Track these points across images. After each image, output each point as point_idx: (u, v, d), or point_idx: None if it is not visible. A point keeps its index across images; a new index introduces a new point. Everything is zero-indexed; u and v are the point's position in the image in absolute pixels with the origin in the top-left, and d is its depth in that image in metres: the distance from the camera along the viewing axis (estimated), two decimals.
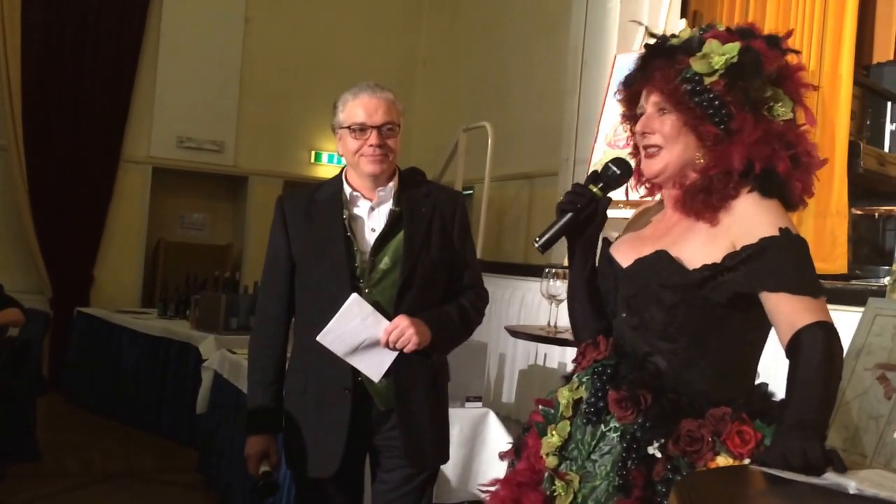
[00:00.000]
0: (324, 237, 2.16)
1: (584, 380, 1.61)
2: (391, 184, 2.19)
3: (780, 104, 1.54)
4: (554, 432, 1.60)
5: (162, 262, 7.55)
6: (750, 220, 1.50)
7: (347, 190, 2.19)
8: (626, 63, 4.54)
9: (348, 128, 2.13)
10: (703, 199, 1.53)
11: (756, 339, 1.57)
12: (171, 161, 7.61)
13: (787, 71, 1.57)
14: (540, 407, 1.68)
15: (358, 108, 2.13)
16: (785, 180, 1.54)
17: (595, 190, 1.65)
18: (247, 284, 5.97)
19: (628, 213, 4.18)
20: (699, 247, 1.52)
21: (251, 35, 7.86)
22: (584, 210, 1.65)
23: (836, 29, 4.16)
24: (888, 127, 5.00)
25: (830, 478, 1.15)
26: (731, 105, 1.51)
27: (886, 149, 4.99)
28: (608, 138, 4.44)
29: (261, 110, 7.89)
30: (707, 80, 1.52)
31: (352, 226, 2.16)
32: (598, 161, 4.44)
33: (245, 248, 8.01)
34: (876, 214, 4.26)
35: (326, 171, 8.31)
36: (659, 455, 1.44)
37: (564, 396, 1.62)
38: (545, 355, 3.97)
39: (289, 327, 2.27)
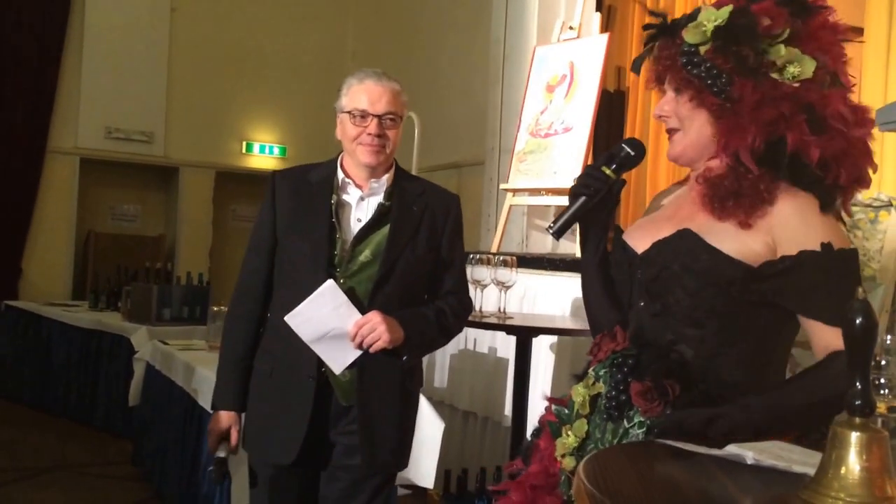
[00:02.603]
0: (308, 218, 2.06)
1: (601, 373, 1.45)
2: (385, 177, 2.09)
3: (794, 65, 1.36)
4: (569, 432, 1.46)
5: (93, 254, 7.32)
6: (795, 225, 1.35)
7: (340, 175, 2.09)
8: (544, 55, 4.58)
9: (349, 113, 2.04)
10: (735, 204, 1.38)
11: (790, 330, 1.44)
12: (99, 152, 7.38)
13: (809, 28, 1.39)
14: (553, 406, 1.53)
15: (361, 93, 2.03)
16: (798, 153, 1.36)
17: (609, 172, 1.53)
18: (179, 275, 5.83)
19: (549, 200, 4.23)
20: (732, 232, 1.38)
21: (178, 24, 7.66)
22: (599, 193, 1.53)
23: None
24: None
25: (730, 449, 1.16)
26: (732, 72, 1.38)
27: None
28: (530, 128, 4.46)
29: (190, 101, 7.71)
30: (703, 49, 1.40)
31: (338, 212, 2.06)
32: (520, 150, 4.46)
33: (177, 238, 7.82)
34: None
35: (259, 161, 8.17)
36: None
37: (579, 394, 1.47)
38: (475, 340, 3.98)
39: (267, 306, 2.16)
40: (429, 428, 3.20)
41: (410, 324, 2.03)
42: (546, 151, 4.29)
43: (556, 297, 3.53)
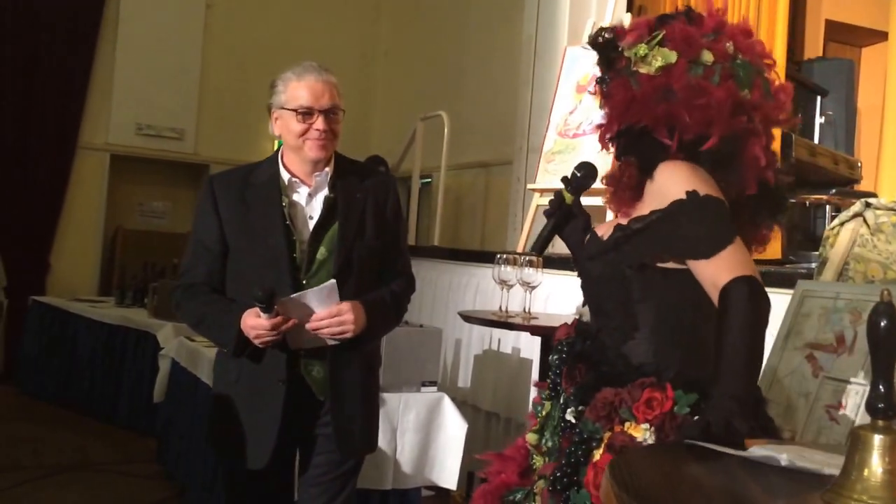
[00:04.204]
0: (261, 224, 2.08)
1: (553, 359, 1.69)
2: (327, 169, 2.13)
3: (658, 59, 1.58)
4: (543, 411, 1.69)
5: (120, 250, 7.40)
6: (665, 189, 1.54)
7: (286, 175, 2.12)
8: (575, 55, 4.57)
9: (294, 110, 2.07)
10: (613, 197, 1.64)
11: (700, 310, 1.55)
12: (129, 148, 7.45)
13: (674, 31, 1.61)
14: (538, 389, 1.78)
15: (303, 90, 2.07)
16: (646, 126, 1.58)
17: (566, 193, 1.78)
18: None
19: None
20: (613, 224, 1.62)
21: (212, 21, 7.72)
22: (561, 214, 1.78)
23: (769, 25, 4.24)
24: (818, 120, 5.15)
25: (761, 451, 1.15)
26: (611, 77, 1.65)
27: (816, 140, 5.13)
28: (559, 128, 4.46)
29: (222, 98, 7.76)
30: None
31: (291, 214, 2.09)
32: (549, 150, 4.46)
33: None
34: (807, 202, 4.36)
35: None
36: (574, 420, 1.52)
37: (551, 378, 1.71)
38: (499, 340, 3.98)
39: None
40: (452, 429, 3.22)
41: (373, 313, 2.08)
42: (574, 152, 4.29)
43: (581, 298, 3.53)
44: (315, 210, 2.12)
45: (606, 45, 1.66)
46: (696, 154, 1.56)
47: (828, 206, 3.99)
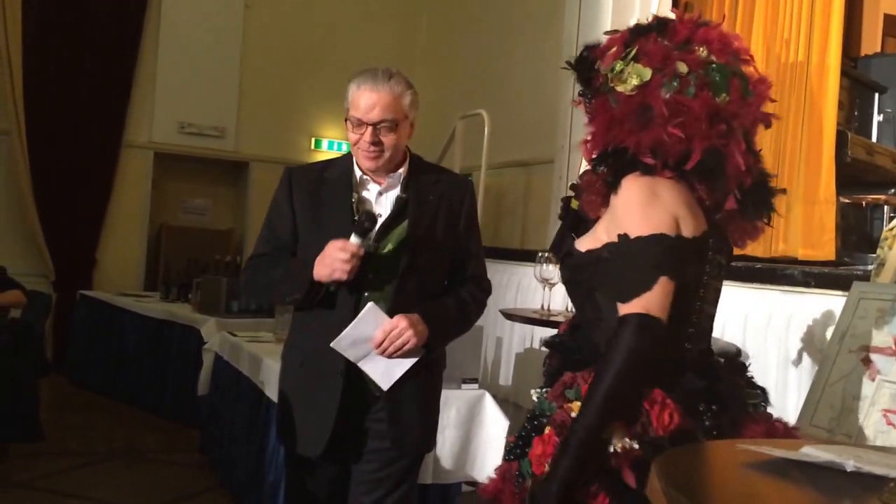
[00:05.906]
0: (330, 217, 2.12)
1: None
2: (401, 170, 2.15)
3: (633, 76, 1.58)
4: None
5: (164, 246, 7.53)
6: (617, 208, 1.60)
7: (357, 172, 2.15)
8: None
9: (348, 119, 2.10)
10: (588, 202, 1.72)
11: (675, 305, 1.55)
12: (172, 146, 7.57)
13: (647, 46, 1.61)
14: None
15: (358, 100, 2.08)
16: (626, 146, 1.58)
17: (573, 201, 1.89)
18: None
19: None
20: (591, 227, 1.70)
21: (250, 22, 7.82)
22: (570, 219, 1.89)
23: (824, 20, 4.15)
24: (875, 117, 4.98)
25: (823, 455, 1.13)
26: (592, 95, 1.68)
27: (874, 139, 4.97)
28: None
29: (261, 97, 7.86)
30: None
31: (359, 208, 2.12)
32: None
33: (246, 232, 7.98)
34: (864, 203, 4.23)
35: (326, 157, 8.28)
36: (536, 399, 1.63)
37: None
38: (541, 339, 3.97)
39: None
40: (493, 426, 3.22)
41: (434, 319, 2.08)
42: None
43: None
44: (383, 207, 2.14)
45: (582, 63, 1.69)
46: (682, 171, 1.57)
47: (886, 207, 3.90)
